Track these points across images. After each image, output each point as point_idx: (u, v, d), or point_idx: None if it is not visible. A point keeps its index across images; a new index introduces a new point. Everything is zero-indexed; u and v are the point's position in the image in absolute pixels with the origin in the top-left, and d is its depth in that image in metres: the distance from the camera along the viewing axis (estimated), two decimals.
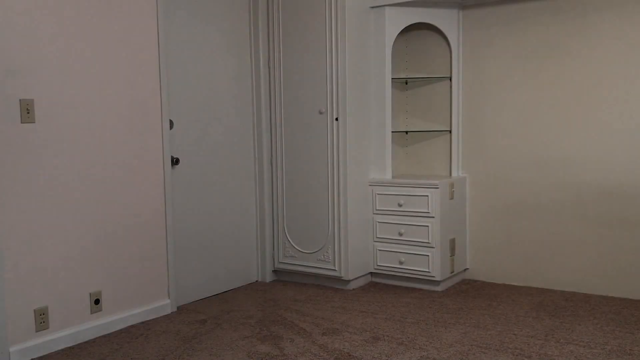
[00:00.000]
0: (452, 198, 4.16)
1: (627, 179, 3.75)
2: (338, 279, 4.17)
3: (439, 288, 4.09)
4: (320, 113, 4.11)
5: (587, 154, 3.89)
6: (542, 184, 4.06)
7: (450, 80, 4.32)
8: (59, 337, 3.11)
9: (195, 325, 3.44)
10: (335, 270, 4.13)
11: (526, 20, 4.04)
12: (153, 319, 3.57)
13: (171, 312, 3.69)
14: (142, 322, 3.51)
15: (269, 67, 4.31)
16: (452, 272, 4.18)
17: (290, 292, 4.10)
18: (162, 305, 3.65)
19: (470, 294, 4.00)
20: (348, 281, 4.15)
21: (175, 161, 3.76)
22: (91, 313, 3.27)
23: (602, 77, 3.80)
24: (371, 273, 4.34)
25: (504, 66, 4.16)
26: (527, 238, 4.14)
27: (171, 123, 3.74)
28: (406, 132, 4.53)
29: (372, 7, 4.19)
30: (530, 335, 3.16)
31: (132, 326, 3.45)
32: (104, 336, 3.29)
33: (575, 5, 3.86)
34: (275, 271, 4.47)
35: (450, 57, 4.30)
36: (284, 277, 4.45)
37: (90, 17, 3.20)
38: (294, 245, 4.30)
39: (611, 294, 3.86)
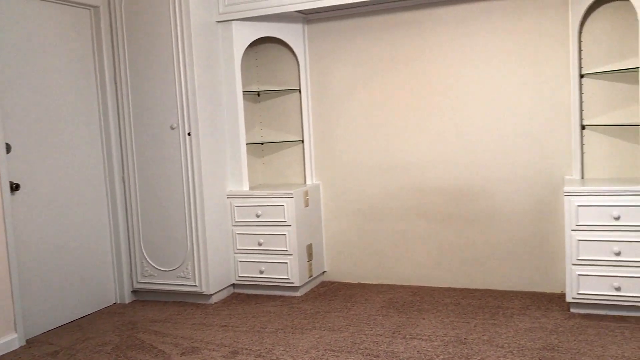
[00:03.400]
0: (307, 205, 4.32)
1: (463, 179, 4.12)
2: (199, 294, 4.17)
3: (298, 293, 4.24)
4: (172, 128, 4.08)
5: (427, 158, 4.21)
6: (388, 187, 4.33)
7: (300, 92, 4.47)
8: None
9: (46, 359, 3.29)
10: (196, 285, 4.12)
11: (368, 34, 4.28)
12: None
13: (19, 347, 3.49)
14: None
15: (116, 83, 4.20)
16: (310, 277, 4.34)
17: (149, 313, 4.04)
18: (9, 340, 3.44)
19: (328, 296, 4.18)
20: (209, 295, 4.17)
21: (15, 187, 3.55)
22: None
23: (439, 87, 4.13)
24: (233, 284, 4.39)
25: (349, 77, 4.38)
26: (377, 238, 4.40)
27: (8, 147, 3.53)
28: (261, 144, 4.63)
29: (219, 22, 4.22)
30: (379, 334, 3.38)
31: None
32: None
33: (413, 20, 4.15)
34: (134, 291, 4.37)
35: (298, 69, 4.45)
36: (144, 297, 4.37)
37: None
38: (152, 263, 4.24)
39: (453, 285, 4.22)
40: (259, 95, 4.64)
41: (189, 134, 4.04)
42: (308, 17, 4.40)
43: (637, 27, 3.33)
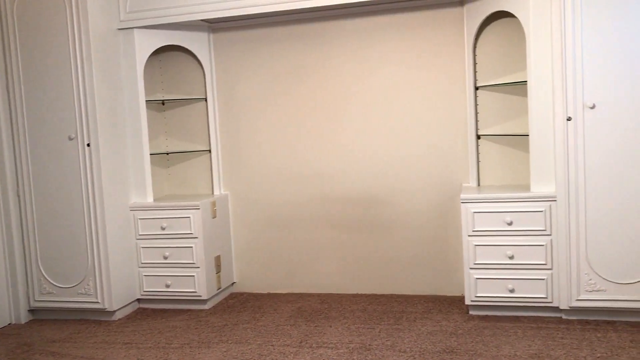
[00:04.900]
0: (215, 217, 4.26)
1: (368, 188, 4.21)
2: (102, 311, 4.02)
3: (206, 306, 4.17)
4: (70, 139, 3.91)
5: (333, 168, 4.27)
6: (297, 196, 4.36)
7: (206, 100, 4.41)
8: None
9: None
10: (98, 302, 3.97)
11: (275, 44, 4.29)
12: None
13: None
14: None
15: (8, 92, 3.98)
16: (219, 289, 4.29)
17: (48, 333, 3.85)
18: None
19: (236, 308, 4.14)
20: (113, 312, 4.02)
21: None
22: None
23: (344, 97, 4.21)
24: (138, 300, 4.26)
25: (256, 87, 4.37)
26: (287, 247, 4.41)
27: None
28: (167, 154, 4.52)
29: (120, 29, 4.09)
30: (286, 344, 3.38)
31: None
32: None
33: (319, 32, 4.21)
34: (31, 310, 4.15)
35: (204, 78, 4.40)
36: (42, 316, 4.16)
37: None
38: (50, 280, 4.04)
39: (360, 291, 4.30)
40: (163, 104, 4.54)
41: (88, 145, 3.89)
42: (213, 25, 4.36)
43: (526, 42, 3.53)
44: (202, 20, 4.12)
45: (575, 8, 3.25)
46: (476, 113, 3.91)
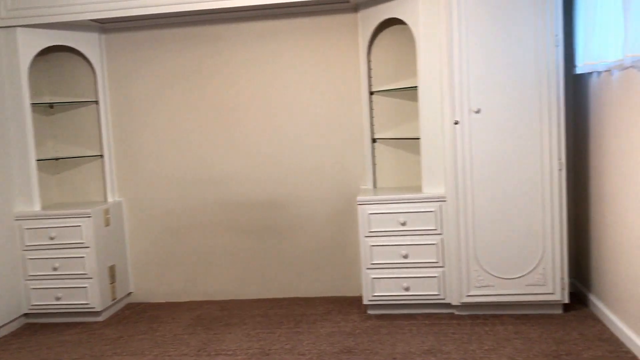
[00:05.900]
0: (108, 224, 4.10)
1: (269, 192, 4.20)
2: None
3: (100, 318, 4.00)
4: None
5: (233, 172, 4.22)
6: (194, 202, 4.27)
7: (97, 104, 4.23)
8: None
9: None
10: None
11: (170, 45, 4.19)
12: None
13: None
14: None
15: None
16: (113, 300, 4.12)
17: None
18: None
19: (132, 319, 4.00)
20: None
21: None
22: None
23: (244, 101, 4.17)
24: (25, 314, 4.01)
25: (151, 90, 4.24)
26: (186, 254, 4.31)
27: None
28: (56, 159, 4.29)
29: (1, 27, 3.85)
30: (184, 354, 3.30)
31: None
32: None
33: (216, 34, 4.14)
34: None
35: (95, 80, 4.22)
36: None
37: None
38: None
39: (262, 296, 4.28)
40: (51, 107, 4.30)
41: None
42: (104, 26, 4.19)
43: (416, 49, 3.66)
44: (91, 20, 3.95)
45: (462, 17, 3.40)
46: (371, 117, 4.01)
